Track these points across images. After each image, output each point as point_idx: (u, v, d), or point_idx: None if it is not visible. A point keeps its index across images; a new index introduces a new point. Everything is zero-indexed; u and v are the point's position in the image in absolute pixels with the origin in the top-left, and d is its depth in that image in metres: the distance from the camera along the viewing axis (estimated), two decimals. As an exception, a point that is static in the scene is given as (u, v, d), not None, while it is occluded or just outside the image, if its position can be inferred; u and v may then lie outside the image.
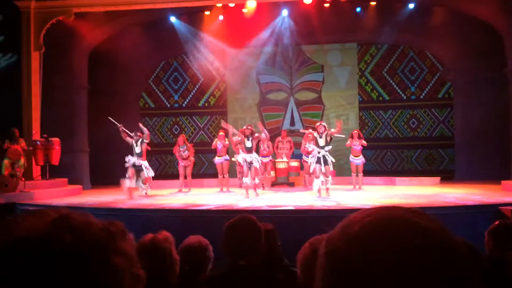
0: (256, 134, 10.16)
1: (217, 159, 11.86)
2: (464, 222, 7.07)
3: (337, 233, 0.71)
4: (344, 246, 0.68)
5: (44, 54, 12.07)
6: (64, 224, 0.69)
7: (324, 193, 9.59)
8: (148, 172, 10.34)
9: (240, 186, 12.23)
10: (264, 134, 10.66)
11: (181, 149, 11.77)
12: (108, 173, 12.78)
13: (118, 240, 0.72)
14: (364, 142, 11.38)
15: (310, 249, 1.94)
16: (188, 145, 11.94)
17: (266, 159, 11.92)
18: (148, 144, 10.67)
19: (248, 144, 9.93)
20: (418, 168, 14.74)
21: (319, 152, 9.55)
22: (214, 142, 11.94)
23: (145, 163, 10.35)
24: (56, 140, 11.43)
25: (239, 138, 10.14)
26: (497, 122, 12.96)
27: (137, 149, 10.32)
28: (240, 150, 10.35)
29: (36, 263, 0.65)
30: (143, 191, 10.31)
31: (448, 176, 13.78)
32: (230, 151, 11.95)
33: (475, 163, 13.25)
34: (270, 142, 12.21)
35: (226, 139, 11.81)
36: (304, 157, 11.75)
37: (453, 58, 14.02)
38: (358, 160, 11.55)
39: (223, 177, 11.77)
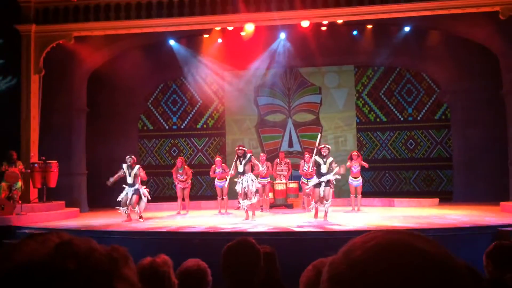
0: (251, 157, 10.05)
1: (218, 183, 11.79)
2: (463, 243, 7.04)
3: (340, 257, 0.71)
4: (347, 271, 0.68)
5: (43, 77, 12.16)
6: (67, 250, 0.68)
7: (322, 216, 9.50)
8: (142, 198, 10.09)
9: (239, 208, 12.18)
10: (261, 167, 10.67)
11: (179, 171, 11.73)
12: (105, 195, 12.72)
13: (121, 266, 0.72)
14: (364, 163, 11.36)
15: (313, 271, 1.93)
16: (186, 167, 11.88)
17: (264, 181, 11.90)
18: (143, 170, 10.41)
19: (240, 168, 9.79)
20: (417, 189, 14.72)
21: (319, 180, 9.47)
22: (211, 171, 11.82)
23: (140, 190, 10.11)
24: (54, 162, 11.42)
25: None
26: (494, 143, 13.03)
27: (129, 180, 10.15)
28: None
29: None
30: (137, 215, 10.13)
31: (446, 197, 13.76)
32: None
33: (473, 184, 13.25)
34: (269, 163, 12.20)
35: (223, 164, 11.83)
36: (302, 179, 11.74)
37: (449, 79, 14.16)
38: (357, 182, 11.54)
39: (222, 199, 11.72)
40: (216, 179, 11.84)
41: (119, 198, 10.11)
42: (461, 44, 13.02)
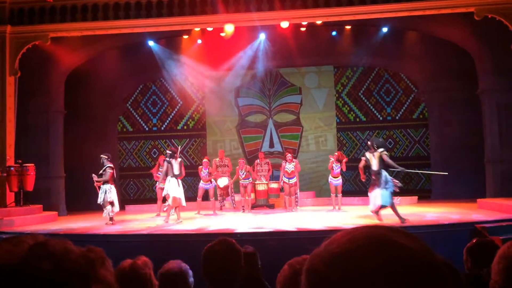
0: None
1: (204, 185, 11.79)
2: (442, 240, 7.16)
3: (318, 251, 0.71)
4: (324, 265, 0.67)
5: (19, 79, 11.91)
6: (42, 251, 0.67)
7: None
8: (103, 196, 9.74)
9: (221, 208, 12.18)
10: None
11: (160, 169, 11.63)
12: (84, 198, 12.55)
13: (97, 267, 0.71)
14: (344, 167, 11.51)
15: (289, 271, 1.93)
16: None
17: (246, 182, 11.91)
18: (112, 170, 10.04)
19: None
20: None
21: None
22: (200, 172, 11.89)
23: (103, 187, 9.82)
24: (30, 166, 11.20)
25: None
26: (471, 141, 13.28)
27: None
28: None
29: None
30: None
31: (425, 195, 13.96)
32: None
33: (451, 182, 13.48)
34: (249, 166, 12.24)
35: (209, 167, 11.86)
36: (284, 179, 11.77)
37: (427, 79, 14.38)
38: (337, 181, 11.63)
39: (216, 199, 11.87)
40: (201, 181, 11.85)
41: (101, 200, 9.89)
42: (438, 44, 13.25)
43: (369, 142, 9.20)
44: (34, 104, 12.51)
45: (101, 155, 10.15)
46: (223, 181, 11.91)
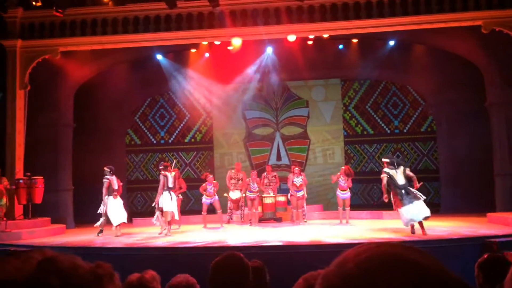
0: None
1: (207, 200, 11.73)
2: (452, 255, 7.06)
3: (332, 270, 0.70)
4: (341, 284, 0.67)
5: (29, 92, 12.06)
6: (51, 267, 0.67)
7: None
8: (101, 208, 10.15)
9: (229, 222, 12.13)
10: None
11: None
12: (92, 211, 12.55)
13: (106, 282, 0.71)
14: (350, 183, 11.43)
15: (304, 285, 1.91)
16: (181, 179, 11.85)
17: (253, 195, 11.87)
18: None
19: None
20: (405, 201, 14.76)
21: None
22: (202, 189, 11.80)
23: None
24: (39, 178, 11.27)
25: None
26: (480, 154, 13.17)
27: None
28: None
29: None
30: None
31: (434, 209, 13.79)
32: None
33: (460, 196, 13.36)
34: (258, 179, 12.18)
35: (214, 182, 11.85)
36: (291, 192, 11.73)
37: (434, 92, 14.35)
38: (345, 195, 11.55)
39: (223, 212, 11.84)
40: (204, 195, 11.78)
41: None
42: (445, 57, 13.23)
43: (389, 160, 9.13)
44: (43, 117, 12.62)
45: (104, 168, 10.25)
46: (235, 194, 11.87)
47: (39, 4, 11.10)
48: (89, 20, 12.05)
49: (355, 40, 13.81)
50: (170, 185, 10.13)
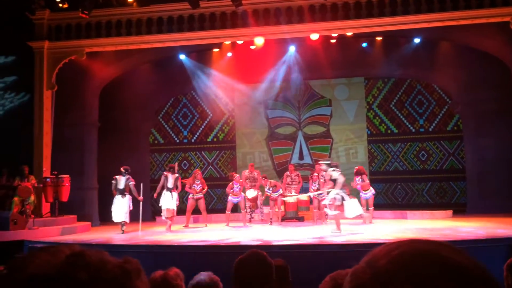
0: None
1: (234, 199, 11.81)
2: (478, 256, 6.90)
3: (363, 267, 0.69)
4: (372, 281, 0.65)
5: (56, 93, 12.31)
6: (79, 261, 0.67)
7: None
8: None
9: (250, 221, 12.16)
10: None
11: (196, 182, 11.80)
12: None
13: (133, 278, 0.71)
14: (366, 181, 11.37)
15: (331, 283, 1.90)
16: (203, 180, 12.06)
17: (275, 195, 11.88)
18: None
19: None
20: (430, 202, 14.55)
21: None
22: (229, 188, 11.88)
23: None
24: (66, 177, 11.50)
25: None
26: (508, 154, 12.87)
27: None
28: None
29: None
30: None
31: (460, 209, 13.57)
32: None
33: (487, 196, 13.06)
34: (271, 181, 12.21)
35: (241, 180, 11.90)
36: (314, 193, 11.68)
37: (461, 90, 14.07)
38: (368, 194, 11.43)
39: (246, 211, 11.90)
40: (231, 194, 11.87)
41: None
42: (472, 54, 12.95)
43: (336, 164, 10.13)
44: (70, 117, 12.87)
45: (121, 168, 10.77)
46: (251, 193, 11.91)
47: (65, 6, 11.33)
48: (114, 21, 12.23)
49: (379, 38, 13.64)
50: (170, 185, 10.81)
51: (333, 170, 9.63)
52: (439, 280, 0.62)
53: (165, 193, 10.84)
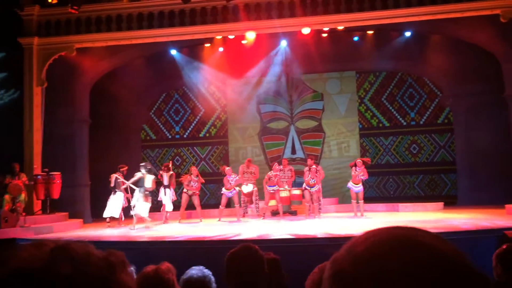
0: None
1: (227, 192, 11.76)
2: (469, 247, 6.97)
3: (343, 254, 0.69)
4: (351, 267, 0.65)
5: (46, 89, 12.21)
6: (63, 255, 0.67)
7: None
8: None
9: (244, 215, 12.16)
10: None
11: (194, 178, 11.74)
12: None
13: (118, 271, 0.71)
14: (366, 174, 11.29)
15: (319, 274, 1.90)
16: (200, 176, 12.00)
17: (272, 189, 11.79)
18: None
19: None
20: (421, 194, 14.65)
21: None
22: (227, 182, 11.82)
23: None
24: (57, 174, 11.43)
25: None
26: (498, 146, 12.97)
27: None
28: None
29: None
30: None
31: (451, 201, 13.68)
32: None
33: (478, 188, 13.18)
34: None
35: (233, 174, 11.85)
36: (305, 186, 11.67)
37: (451, 83, 14.14)
38: (357, 188, 11.45)
39: (240, 206, 11.88)
40: (224, 188, 11.83)
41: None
42: (463, 47, 13.01)
43: (149, 167, 10.96)
44: (60, 113, 12.77)
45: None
46: (247, 188, 11.89)
47: (55, 1, 11.22)
48: (104, 17, 12.13)
49: (370, 32, 13.66)
50: (165, 183, 11.46)
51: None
52: (416, 265, 0.63)
53: (161, 190, 11.52)
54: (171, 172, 11.59)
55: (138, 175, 10.66)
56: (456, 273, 0.64)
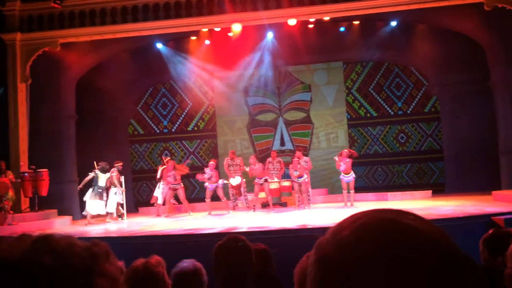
0: None
1: (209, 185, 11.73)
2: (457, 233, 7.06)
3: (327, 238, 0.69)
4: (336, 251, 0.65)
5: (31, 85, 12.05)
6: (45, 246, 0.66)
7: None
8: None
9: (234, 208, 12.17)
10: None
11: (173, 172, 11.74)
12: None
13: (101, 261, 0.70)
14: (350, 165, 11.39)
15: (307, 261, 1.91)
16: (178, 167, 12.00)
17: (261, 181, 11.82)
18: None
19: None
20: (409, 183, 14.78)
21: None
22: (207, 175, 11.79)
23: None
24: (44, 171, 11.31)
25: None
26: (484, 133, 13.11)
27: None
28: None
29: (14, 287, 0.62)
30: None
31: (439, 189, 13.83)
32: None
33: (465, 175, 13.33)
34: (261, 163, 12.15)
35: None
36: (293, 178, 11.70)
37: (437, 72, 14.23)
38: (348, 178, 11.54)
39: (227, 199, 11.93)
40: (206, 181, 11.79)
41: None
42: (448, 36, 13.09)
43: (102, 165, 11.52)
44: (46, 110, 12.62)
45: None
46: (235, 180, 11.90)
47: (36, -5, 11.03)
48: (88, 11, 11.98)
49: (356, 22, 13.67)
50: (158, 176, 12.18)
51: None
52: (401, 248, 0.63)
53: (159, 184, 12.25)
54: (164, 166, 11.90)
55: (91, 174, 11.41)
56: (441, 254, 0.63)
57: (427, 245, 0.63)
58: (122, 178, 11.75)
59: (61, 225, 10.96)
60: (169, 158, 13.36)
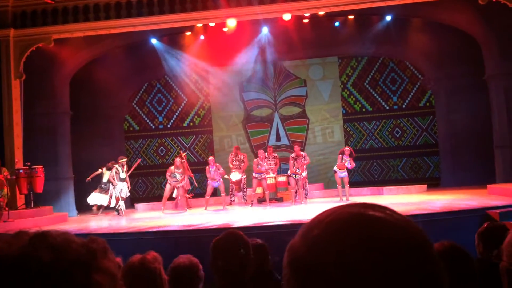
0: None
1: (213, 183, 11.72)
2: (453, 227, 7.11)
3: (298, 240, 0.68)
4: (308, 253, 0.65)
5: (25, 82, 11.97)
6: (42, 242, 0.66)
7: None
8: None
9: (231, 203, 12.17)
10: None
11: (178, 171, 11.68)
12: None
13: (99, 257, 0.69)
14: (353, 163, 11.48)
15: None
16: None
17: (259, 176, 11.80)
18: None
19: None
20: (405, 177, 14.84)
21: None
22: (207, 172, 11.77)
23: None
24: (39, 167, 11.26)
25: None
26: (479, 127, 13.16)
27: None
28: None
29: (11, 284, 0.61)
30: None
31: (434, 183, 13.89)
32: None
33: (460, 169, 13.40)
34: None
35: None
36: (291, 173, 11.71)
37: (432, 66, 14.26)
38: (343, 173, 11.57)
39: (226, 195, 11.89)
40: (209, 178, 11.79)
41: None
42: (443, 30, 13.11)
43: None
44: (40, 106, 12.56)
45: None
46: (235, 176, 11.85)
47: (30, -9, 10.94)
48: (81, 6, 11.90)
49: (351, 17, 13.67)
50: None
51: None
52: (370, 240, 0.63)
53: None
54: (183, 161, 11.95)
55: (99, 170, 12.37)
56: (409, 241, 0.64)
57: (395, 235, 0.64)
58: (123, 174, 11.86)
59: (57, 222, 10.93)
60: (185, 153, 13.24)
